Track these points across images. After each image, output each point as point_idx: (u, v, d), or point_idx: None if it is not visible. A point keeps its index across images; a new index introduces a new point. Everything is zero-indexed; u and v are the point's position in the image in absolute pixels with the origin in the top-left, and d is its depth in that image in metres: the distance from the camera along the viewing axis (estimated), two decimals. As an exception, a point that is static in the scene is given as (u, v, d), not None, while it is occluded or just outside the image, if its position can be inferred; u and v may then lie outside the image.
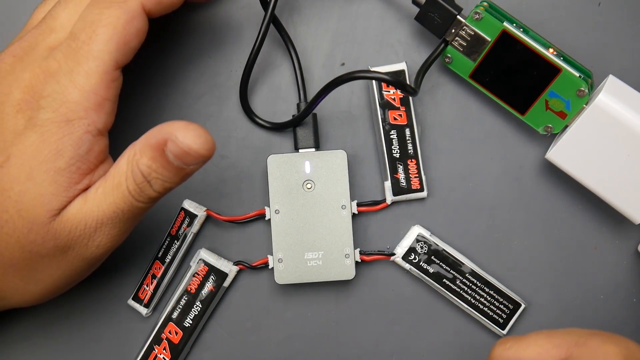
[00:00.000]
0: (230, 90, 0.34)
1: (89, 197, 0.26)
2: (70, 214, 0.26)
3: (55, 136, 0.26)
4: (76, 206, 0.26)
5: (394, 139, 0.33)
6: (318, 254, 0.33)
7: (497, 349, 0.28)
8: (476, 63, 0.32)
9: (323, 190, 0.33)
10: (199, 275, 0.33)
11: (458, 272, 0.33)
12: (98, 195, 0.26)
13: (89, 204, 0.26)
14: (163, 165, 0.25)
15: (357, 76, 0.29)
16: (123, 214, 0.27)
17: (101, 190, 0.26)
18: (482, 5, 0.31)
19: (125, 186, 0.26)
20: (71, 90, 0.26)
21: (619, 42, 0.34)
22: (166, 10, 0.28)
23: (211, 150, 0.25)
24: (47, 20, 0.28)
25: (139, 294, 0.34)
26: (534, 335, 0.27)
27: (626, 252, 0.34)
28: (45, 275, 0.28)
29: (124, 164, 0.26)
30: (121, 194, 0.26)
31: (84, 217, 0.26)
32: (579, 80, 0.30)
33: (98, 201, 0.26)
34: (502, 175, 0.34)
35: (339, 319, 0.35)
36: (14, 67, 0.27)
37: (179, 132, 0.25)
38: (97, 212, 0.26)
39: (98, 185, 0.27)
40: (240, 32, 0.34)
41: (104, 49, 0.26)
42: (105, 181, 0.26)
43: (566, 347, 0.26)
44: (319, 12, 0.34)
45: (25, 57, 0.27)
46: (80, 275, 0.29)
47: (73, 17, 0.28)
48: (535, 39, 0.31)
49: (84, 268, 0.28)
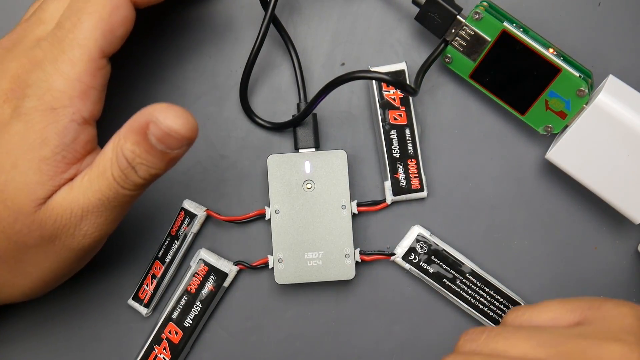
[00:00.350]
0: (230, 90, 0.34)
1: (74, 185, 0.26)
2: (56, 203, 0.26)
3: (40, 124, 0.26)
4: (62, 195, 0.26)
5: (394, 139, 0.33)
6: (318, 254, 0.33)
7: (509, 315, 0.27)
8: (476, 63, 0.32)
9: (323, 190, 0.33)
10: (199, 275, 0.33)
11: (458, 272, 0.33)
12: (84, 183, 0.26)
13: (75, 192, 0.26)
14: (147, 150, 0.25)
15: (357, 76, 0.29)
16: (109, 201, 0.26)
17: (87, 178, 0.26)
18: (482, 5, 0.31)
19: (110, 173, 0.26)
20: (56, 78, 0.26)
21: (619, 42, 0.34)
22: (152, 1, 0.28)
23: (193, 131, 0.25)
24: (37, 12, 0.28)
25: (139, 293, 0.34)
26: (546, 302, 0.27)
27: (626, 252, 0.34)
28: (33, 267, 0.28)
29: (109, 150, 0.26)
30: (106, 181, 0.26)
31: (70, 206, 0.26)
32: (579, 80, 0.30)
33: (84, 189, 0.26)
34: (502, 175, 0.34)
35: (339, 319, 0.35)
36: (2, 58, 0.27)
37: (160, 113, 0.24)
38: (82, 200, 0.26)
39: (84, 173, 0.26)
40: (240, 32, 0.34)
41: (89, 37, 0.26)
42: (91, 169, 0.26)
43: (580, 311, 0.26)
44: (319, 12, 0.34)
45: (13, 49, 0.27)
46: (69, 268, 0.29)
47: (62, 9, 0.28)
48: (535, 39, 0.31)
49: (72, 259, 0.28)
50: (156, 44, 0.34)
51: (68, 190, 0.26)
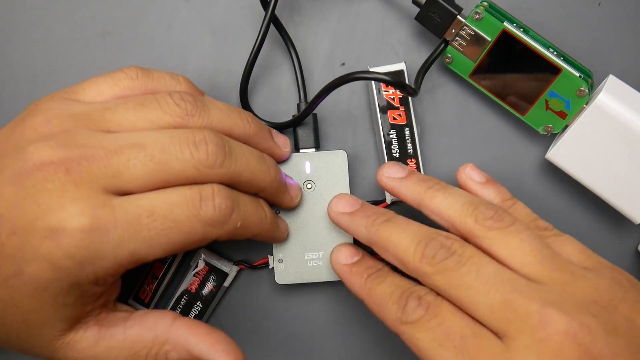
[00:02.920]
0: (230, 90, 0.34)
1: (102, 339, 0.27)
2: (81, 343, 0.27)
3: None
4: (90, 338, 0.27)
5: (393, 139, 0.33)
6: (318, 254, 0.33)
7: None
8: (476, 63, 0.32)
9: (323, 190, 0.33)
10: (199, 275, 0.33)
11: (458, 272, 0.33)
12: (112, 344, 0.27)
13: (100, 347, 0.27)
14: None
15: (357, 77, 0.29)
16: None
17: (115, 344, 0.27)
18: (482, 5, 0.31)
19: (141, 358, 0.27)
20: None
21: (619, 42, 0.34)
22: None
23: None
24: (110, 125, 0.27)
25: (140, 293, 0.34)
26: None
27: (626, 252, 0.34)
28: None
29: (149, 337, 0.27)
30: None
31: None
32: (579, 80, 0.30)
33: (107, 349, 0.27)
34: (502, 175, 0.34)
35: (338, 319, 0.35)
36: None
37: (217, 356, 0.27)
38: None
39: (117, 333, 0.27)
40: (240, 32, 0.34)
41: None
42: (125, 338, 0.27)
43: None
44: (319, 12, 0.34)
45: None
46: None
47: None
48: (535, 39, 0.31)
49: None
50: (156, 44, 0.34)
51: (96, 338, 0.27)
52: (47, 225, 0.24)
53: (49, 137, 0.25)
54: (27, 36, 0.34)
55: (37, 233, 0.24)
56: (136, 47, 0.34)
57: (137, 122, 0.26)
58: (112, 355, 0.26)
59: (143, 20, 0.34)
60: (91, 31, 0.34)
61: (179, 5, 0.34)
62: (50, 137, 0.25)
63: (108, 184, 0.24)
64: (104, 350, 0.26)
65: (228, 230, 0.26)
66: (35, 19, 0.34)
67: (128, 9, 0.34)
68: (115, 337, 0.27)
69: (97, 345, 0.26)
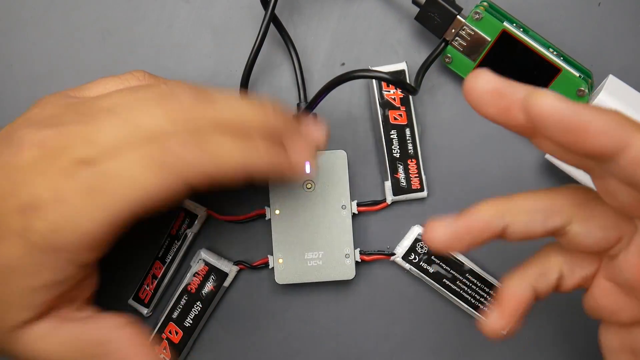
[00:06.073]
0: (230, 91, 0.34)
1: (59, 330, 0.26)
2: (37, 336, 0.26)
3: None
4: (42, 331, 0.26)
5: (394, 139, 0.33)
6: (318, 254, 0.33)
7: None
8: (476, 63, 0.32)
9: (323, 190, 0.33)
10: (199, 275, 0.33)
11: (458, 272, 0.33)
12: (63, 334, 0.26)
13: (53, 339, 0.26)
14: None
15: (357, 75, 0.29)
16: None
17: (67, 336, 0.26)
18: (482, 5, 0.31)
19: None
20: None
21: (619, 42, 0.34)
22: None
23: None
24: (89, 128, 0.26)
25: (140, 293, 0.34)
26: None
27: (626, 252, 0.34)
28: None
29: (96, 337, 0.27)
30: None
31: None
32: (579, 80, 0.30)
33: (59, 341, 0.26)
34: (502, 175, 0.34)
35: (339, 319, 0.35)
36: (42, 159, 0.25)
37: None
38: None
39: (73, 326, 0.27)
40: (240, 32, 0.34)
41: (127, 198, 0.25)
42: (76, 336, 0.26)
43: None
44: (319, 12, 0.34)
45: (53, 159, 0.25)
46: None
47: (118, 137, 0.25)
48: (535, 39, 0.31)
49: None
50: (156, 45, 0.34)
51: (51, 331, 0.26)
52: (18, 201, 0.24)
53: (37, 122, 0.26)
54: (27, 36, 0.34)
55: (10, 209, 0.24)
56: (136, 47, 0.34)
57: (129, 103, 0.26)
58: (61, 350, 0.26)
59: (143, 20, 0.34)
60: (91, 31, 0.34)
61: (179, 5, 0.34)
62: (38, 122, 0.25)
63: (78, 155, 0.24)
64: (55, 344, 0.26)
65: (196, 172, 0.24)
66: (35, 19, 0.34)
67: (128, 9, 0.34)
68: (70, 332, 0.26)
69: (51, 337, 0.26)
